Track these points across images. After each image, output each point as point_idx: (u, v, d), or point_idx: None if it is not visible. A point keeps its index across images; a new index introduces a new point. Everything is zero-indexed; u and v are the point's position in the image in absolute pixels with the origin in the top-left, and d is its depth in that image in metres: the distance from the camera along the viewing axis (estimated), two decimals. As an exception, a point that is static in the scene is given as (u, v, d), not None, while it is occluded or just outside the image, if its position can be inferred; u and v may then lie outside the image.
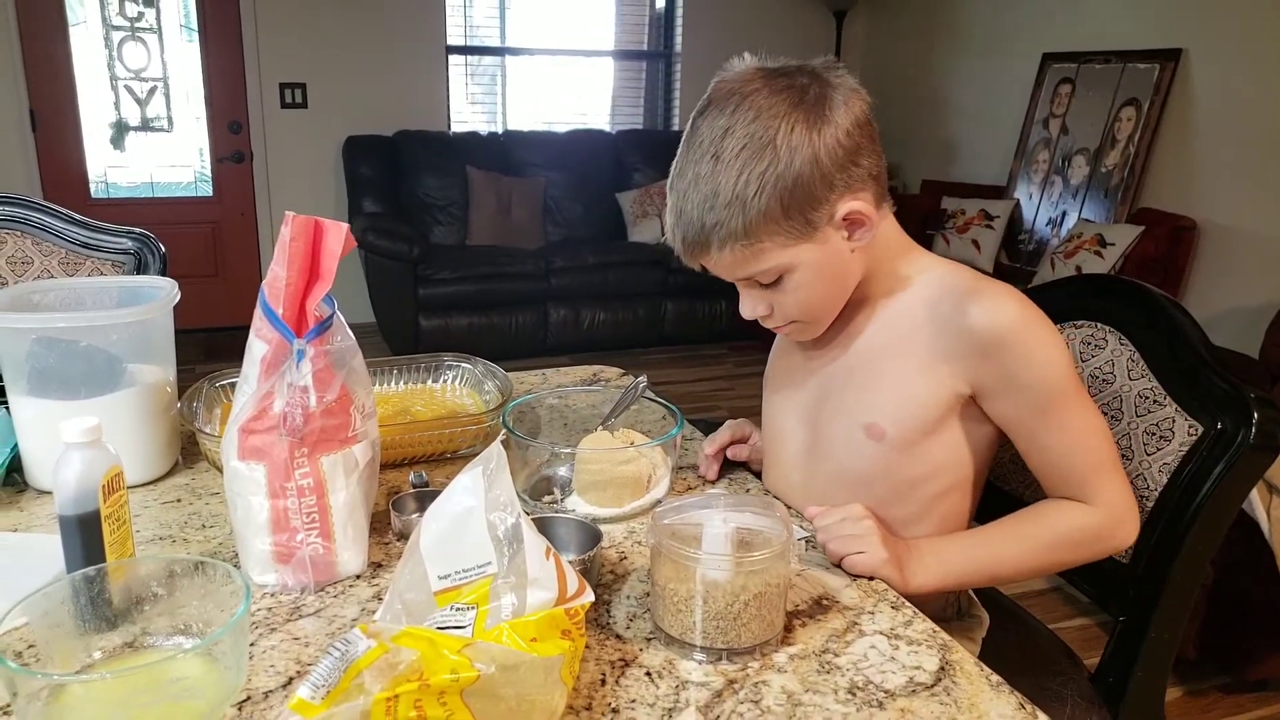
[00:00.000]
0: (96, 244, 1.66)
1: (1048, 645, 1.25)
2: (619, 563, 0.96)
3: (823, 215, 0.92)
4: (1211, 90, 3.87)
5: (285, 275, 0.83)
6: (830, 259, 0.95)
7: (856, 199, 0.93)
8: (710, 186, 0.90)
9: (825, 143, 0.89)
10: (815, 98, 0.89)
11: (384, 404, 1.28)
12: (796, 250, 0.93)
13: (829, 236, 0.93)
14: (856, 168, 0.92)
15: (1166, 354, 1.16)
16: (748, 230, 0.90)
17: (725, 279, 0.98)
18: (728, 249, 0.92)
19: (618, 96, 5.65)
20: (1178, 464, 1.11)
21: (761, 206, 0.89)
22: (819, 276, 0.96)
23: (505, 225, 4.80)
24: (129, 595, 0.77)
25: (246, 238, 4.90)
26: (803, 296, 0.97)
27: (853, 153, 0.91)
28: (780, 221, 0.90)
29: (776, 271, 0.94)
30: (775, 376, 1.18)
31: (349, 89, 4.85)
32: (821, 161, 0.89)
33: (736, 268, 0.95)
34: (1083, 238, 4.03)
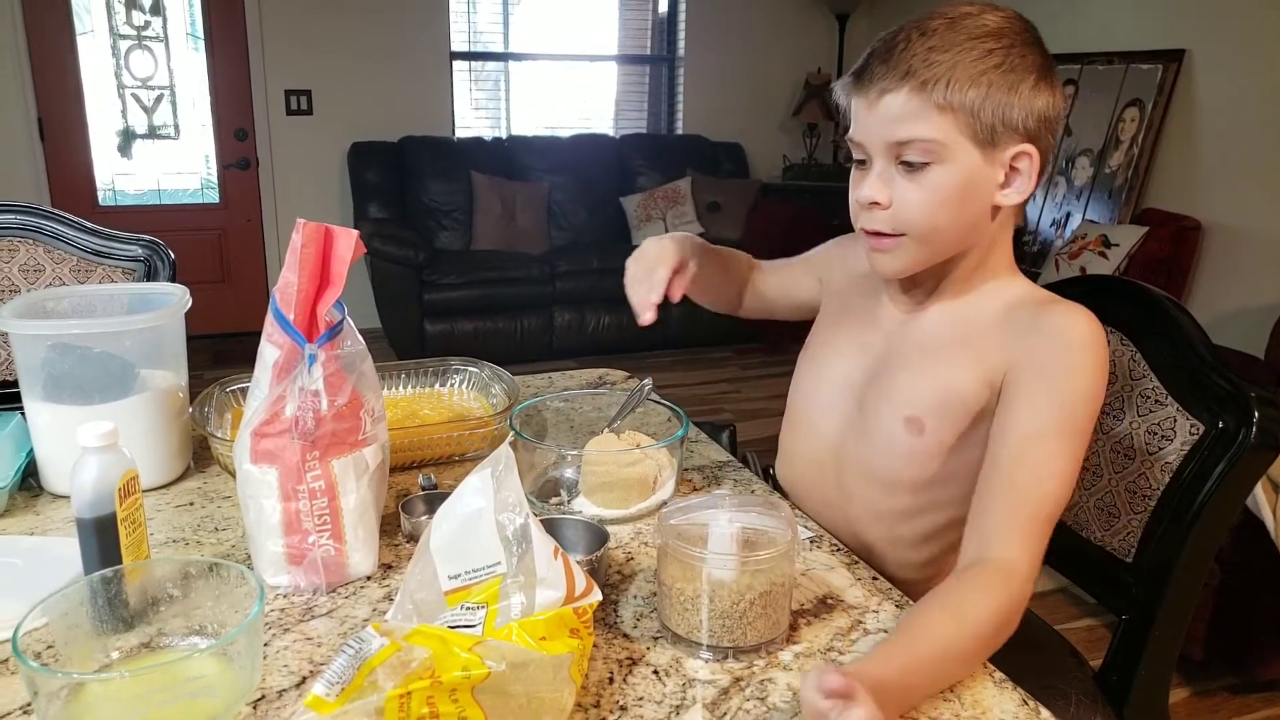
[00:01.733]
0: (107, 251, 1.68)
1: (1052, 644, 1.26)
2: (626, 563, 0.97)
3: (1005, 135, 0.90)
4: (1215, 91, 3.87)
5: (297, 281, 0.84)
6: (979, 188, 0.92)
7: (1031, 150, 0.91)
8: (946, 37, 0.89)
9: (1048, 93, 0.90)
10: (1050, 61, 0.92)
11: (393, 408, 1.30)
12: (965, 147, 0.90)
13: (992, 162, 0.91)
14: (1046, 137, 0.92)
15: (1168, 354, 1.17)
16: (952, 88, 0.87)
17: (869, 144, 0.93)
18: (924, 93, 0.88)
19: (621, 101, 5.67)
20: (1179, 463, 1.12)
21: (978, 74, 0.87)
22: (959, 191, 0.91)
23: (510, 230, 4.82)
24: (145, 597, 0.79)
25: (253, 244, 4.92)
26: (932, 201, 0.91)
27: (1051, 123, 0.92)
28: (978, 109, 0.88)
29: (935, 150, 0.89)
30: (824, 341, 1.16)
31: (354, 95, 4.88)
32: (1038, 101, 0.90)
33: (905, 120, 0.89)
34: (1087, 239, 4.04)
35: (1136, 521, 1.16)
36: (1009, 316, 0.96)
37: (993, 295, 0.99)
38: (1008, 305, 0.97)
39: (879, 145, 0.92)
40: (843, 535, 1.08)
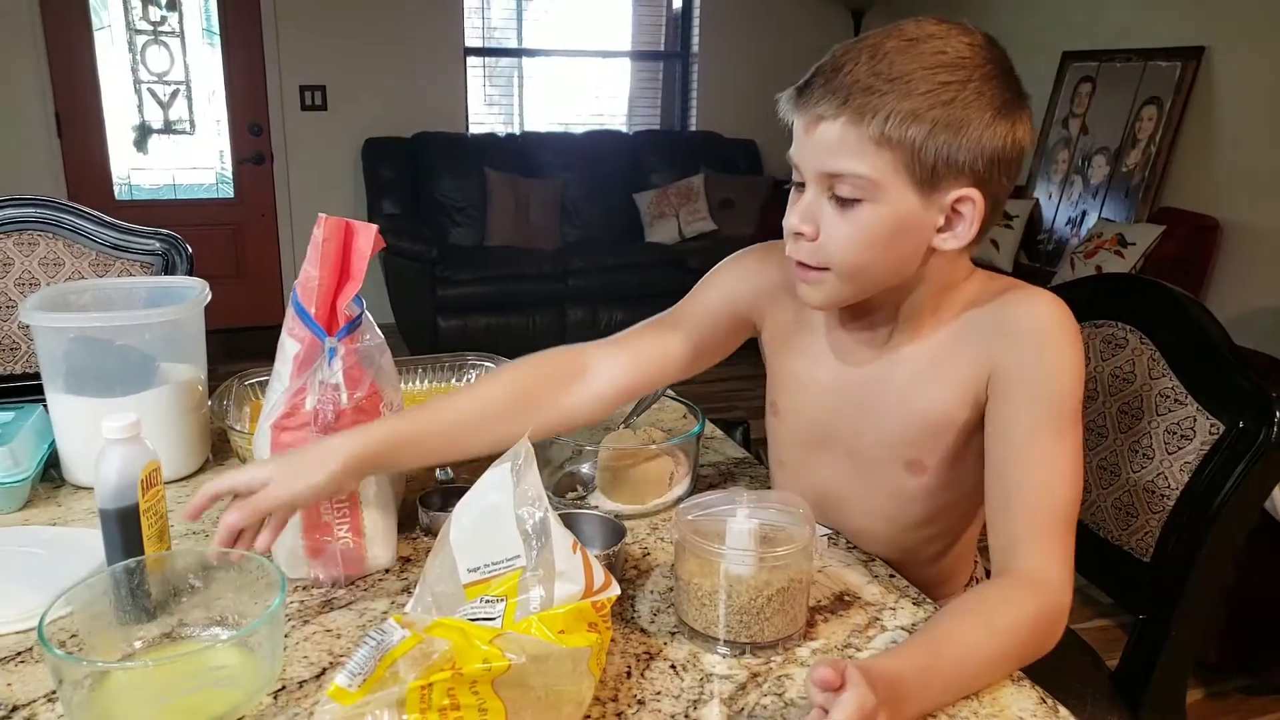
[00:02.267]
0: (126, 245, 1.69)
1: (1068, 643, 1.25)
2: (642, 559, 0.97)
3: (948, 179, 0.83)
4: (1234, 89, 3.84)
5: (318, 275, 0.85)
6: (913, 230, 0.85)
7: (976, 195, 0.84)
8: (897, 63, 0.80)
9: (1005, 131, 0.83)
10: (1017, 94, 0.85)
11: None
12: (901, 187, 0.82)
13: (931, 205, 0.84)
14: (998, 180, 0.85)
15: (1188, 352, 1.16)
16: (892, 122, 0.80)
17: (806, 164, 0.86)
18: (861, 125, 0.81)
19: (635, 97, 5.67)
20: (1199, 463, 1.12)
21: (922, 112, 0.80)
22: (889, 232, 0.84)
23: (523, 226, 4.83)
24: (167, 587, 0.79)
25: (267, 239, 4.94)
26: (859, 240, 0.84)
27: (1007, 165, 0.85)
28: (918, 149, 0.81)
29: (867, 187, 0.82)
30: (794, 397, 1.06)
31: (368, 91, 4.89)
32: (991, 141, 0.82)
33: (839, 152, 0.82)
34: (1103, 237, 4.02)
35: (1155, 521, 1.16)
36: (969, 323, 0.92)
37: (954, 307, 0.94)
38: (968, 309, 0.92)
39: (812, 173, 0.86)
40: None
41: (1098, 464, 1.24)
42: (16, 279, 1.67)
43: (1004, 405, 0.88)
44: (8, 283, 1.67)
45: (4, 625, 0.82)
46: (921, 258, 0.88)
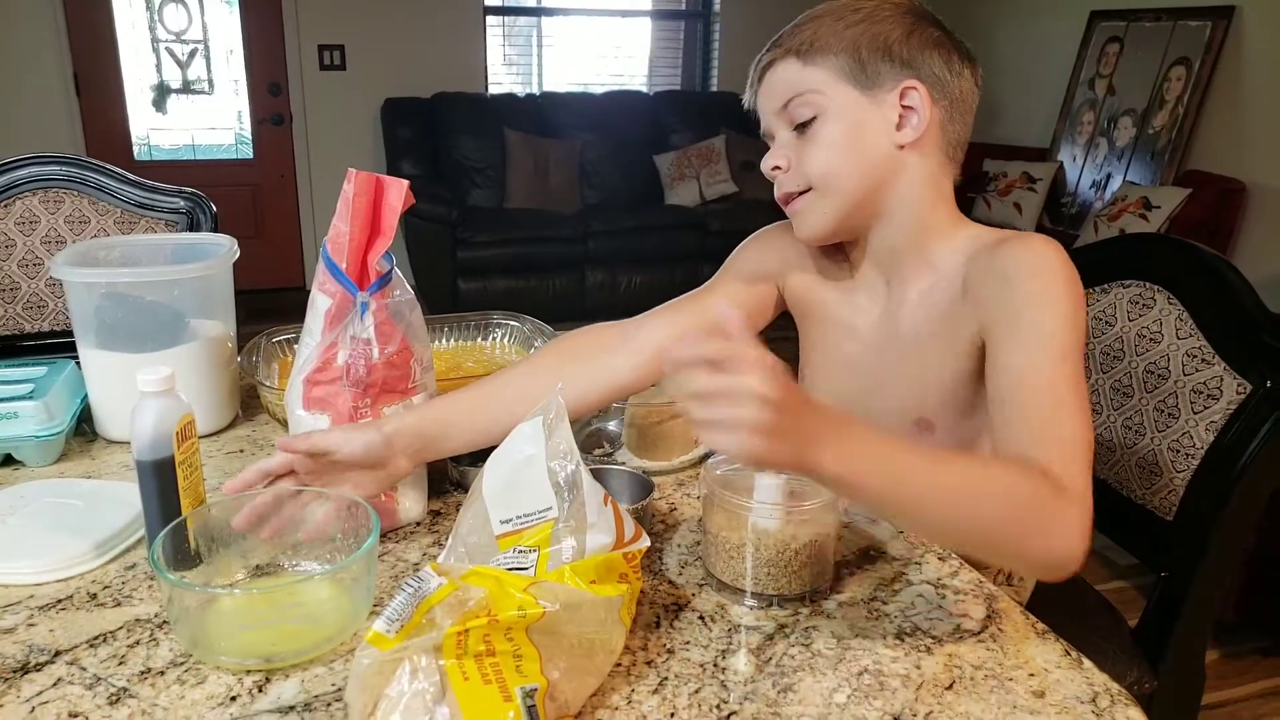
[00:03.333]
0: (151, 204, 1.69)
1: (1091, 601, 1.27)
2: (669, 513, 0.98)
3: (886, 75, 0.91)
4: (1265, 49, 3.77)
5: (348, 230, 0.85)
6: (870, 130, 0.92)
7: (917, 84, 0.91)
8: (820, 7, 0.93)
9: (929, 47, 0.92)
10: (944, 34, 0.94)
11: (436, 360, 1.31)
12: (844, 90, 0.91)
13: (880, 104, 0.91)
14: (944, 78, 0.92)
15: (1215, 312, 1.15)
16: (819, 43, 0.91)
17: (767, 119, 0.96)
18: (795, 56, 0.92)
19: (655, 57, 5.61)
20: (1225, 422, 1.11)
21: (840, 28, 0.91)
22: (850, 139, 0.92)
23: (542, 188, 4.81)
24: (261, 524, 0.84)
25: (286, 199, 4.95)
26: (826, 156, 0.92)
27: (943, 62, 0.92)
28: (848, 48, 0.90)
29: (814, 100, 0.92)
30: (816, 367, 1.09)
31: (387, 51, 4.87)
32: (913, 41, 0.91)
33: (784, 85, 0.93)
34: (1127, 200, 3.97)
35: (1179, 480, 1.16)
36: (967, 274, 0.92)
37: (949, 260, 0.95)
38: (962, 266, 0.93)
39: (772, 118, 0.95)
40: None
41: (1123, 423, 1.24)
42: (43, 237, 1.68)
43: (998, 347, 0.86)
44: (34, 241, 1.68)
45: (46, 574, 0.84)
46: (891, 161, 0.93)
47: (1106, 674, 0.74)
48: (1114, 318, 1.26)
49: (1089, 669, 0.74)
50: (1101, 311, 1.28)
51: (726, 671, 0.73)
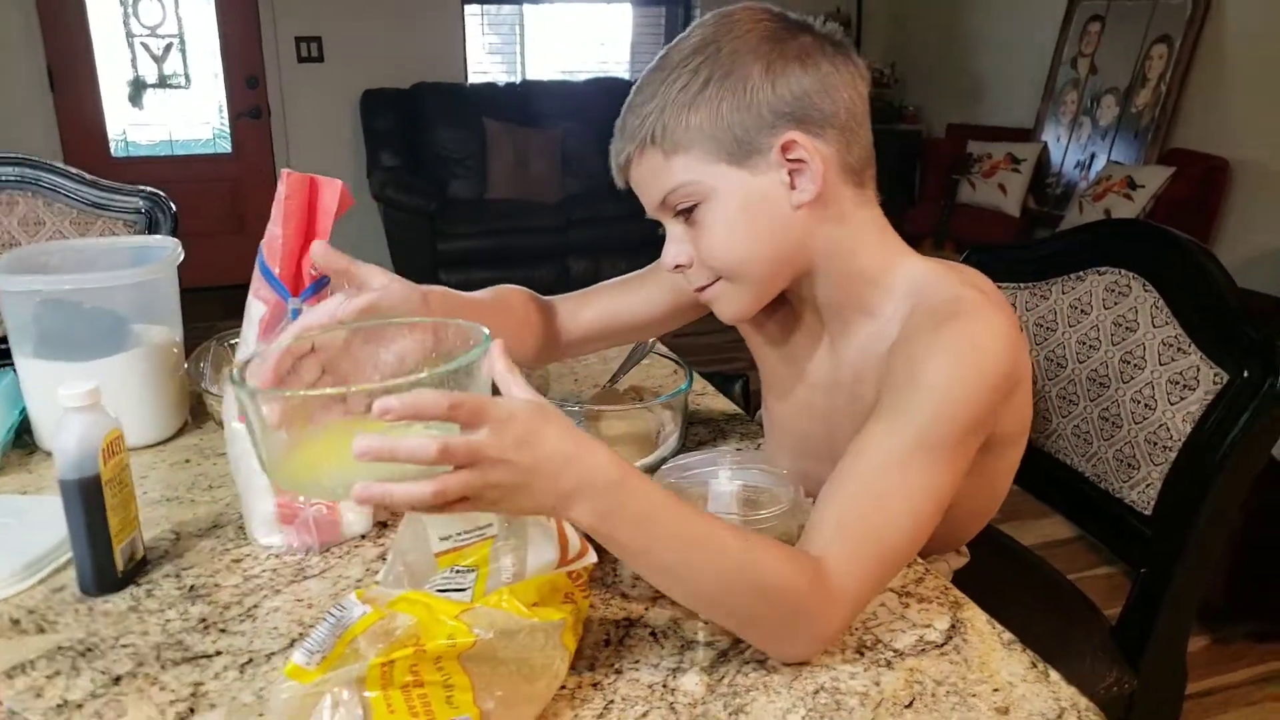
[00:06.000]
0: (107, 204, 1.65)
1: (1067, 597, 1.24)
2: (627, 520, 0.95)
3: (760, 137, 0.78)
4: (1245, 25, 3.74)
5: (281, 234, 0.81)
6: (760, 202, 0.80)
7: (803, 135, 0.78)
8: (650, 81, 0.81)
9: (795, 73, 0.78)
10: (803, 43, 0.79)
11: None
12: (719, 171, 0.79)
13: (764, 170, 0.79)
14: (822, 104, 0.78)
15: (1191, 300, 1.12)
16: (670, 131, 0.79)
17: (649, 210, 0.87)
18: (649, 146, 0.80)
19: (637, 44, 5.56)
20: (1202, 413, 1.08)
21: (689, 100, 0.78)
22: (741, 217, 0.80)
23: (523, 178, 4.76)
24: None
25: (266, 194, 4.82)
26: (721, 239, 0.81)
27: (823, 94, 0.78)
28: (708, 125, 0.78)
29: (692, 191, 0.80)
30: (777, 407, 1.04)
31: (365, 41, 4.80)
32: (774, 77, 0.77)
33: (653, 182, 0.82)
34: (1111, 180, 3.94)
35: (1157, 474, 1.13)
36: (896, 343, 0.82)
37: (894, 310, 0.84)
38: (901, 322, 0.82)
39: (653, 210, 0.86)
40: None
41: (1099, 414, 1.21)
42: (-3, 240, 1.64)
43: (871, 418, 0.76)
44: (-12, 244, 1.64)
45: (-27, 596, 0.80)
46: (795, 226, 0.81)
47: (1083, 677, 0.71)
48: (1090, 305, 1.23)
49: (1055, 682, 0.71)
50: (1078, 299, 1.25)
51: (676, 693, 0.69)
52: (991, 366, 0.75)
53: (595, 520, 0.62)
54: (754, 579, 0.66)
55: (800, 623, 0.69)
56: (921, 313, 0.80)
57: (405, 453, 0.54)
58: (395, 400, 0.54)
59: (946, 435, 0.73)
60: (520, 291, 1.10)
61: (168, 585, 0.79)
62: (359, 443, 0.53)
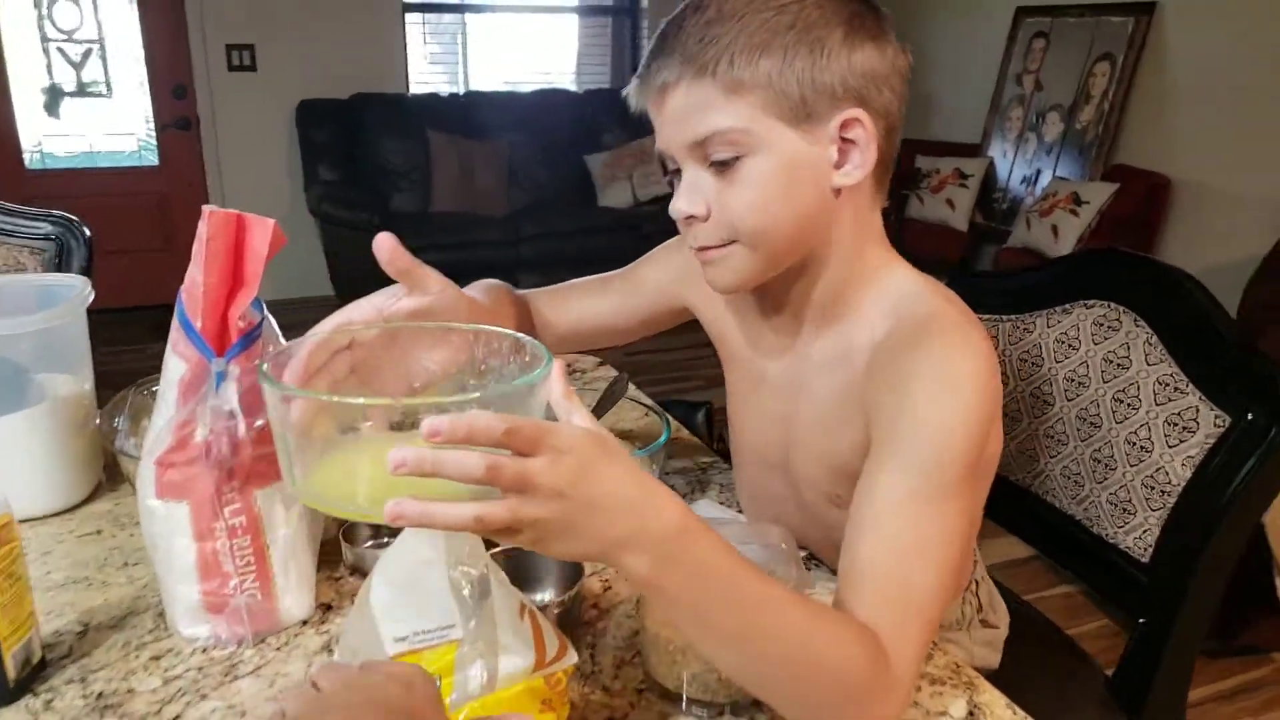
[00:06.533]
0: (11, 229, 1.50)
1: (1065, 650, 1.17)
2: (603, 594, 0.85)
3: (824, 105, 0.73)
4: (1185, 45, 3.79)
5: (203, 281, 0.71)
6: (806, 173, 0.75)
7: (862, 115, 0.74)
8: (725, 6, 0.72)
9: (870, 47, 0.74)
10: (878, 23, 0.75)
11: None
12: (776, 128, 0.73)
13: (817, 139, 0.74)
14: (881, 95, 0.75)
15: (1188, 337, 1.07)
16: (739, 63, 0.71)
17: (673, 148, 0.77)
18: (706, 78, 0.72)
19: (584, 54, 5.47)
20: (1203, 458, 1.03)
21: (766, 41, 0.71)
22: (783, 182, 0.74)
23: (469, 191, 4.64)
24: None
25: (196, 209, 4.58)
26: (755, 200, 0.74)
27: (886, 78, 0.75)
28: (777, 80, 0.71)
29: (740, 140, 0.73)
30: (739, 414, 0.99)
31: (300, 50, 4.63)
32: (856, 57, 0.73)
33: (696, 113, 0.73)
34: (1057, 196, 3.96)
35: (1155, 519, 1.07)
36: (875, 354, 0.78)
37: (863, 318, 0.81)
38: (879, 335, 0.79)
39: (680, 149, 0.76)
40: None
41: (1091, 456, 1.15)
42: (-110, 269, 1.49)
43: (874, 461, 0.72)
44: (-120, 273, 1.48)
45: None
46: (827, 207, 0.77)
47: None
48: (1078, 340, 1.17)
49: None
50: (1064, 334, 1.19)
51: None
52: (980, 393, 0.72)
53: (650, 572, 0.55)
54: (817, 654, 0.60)
55: (861, 707, 0.62)
56: (902, 330, 0.77)
57: (450, 468, 0.48)
58: (446, 422, 0.48)
59: (954, 478, 0.69)
60: (506, 289, 1.04)
61: (71, 693, 0.68)
62: (396, 454, 0.48)
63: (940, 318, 0.76)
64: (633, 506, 0.54)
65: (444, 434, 0.48)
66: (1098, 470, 1.14)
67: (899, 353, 0.75)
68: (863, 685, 0.62)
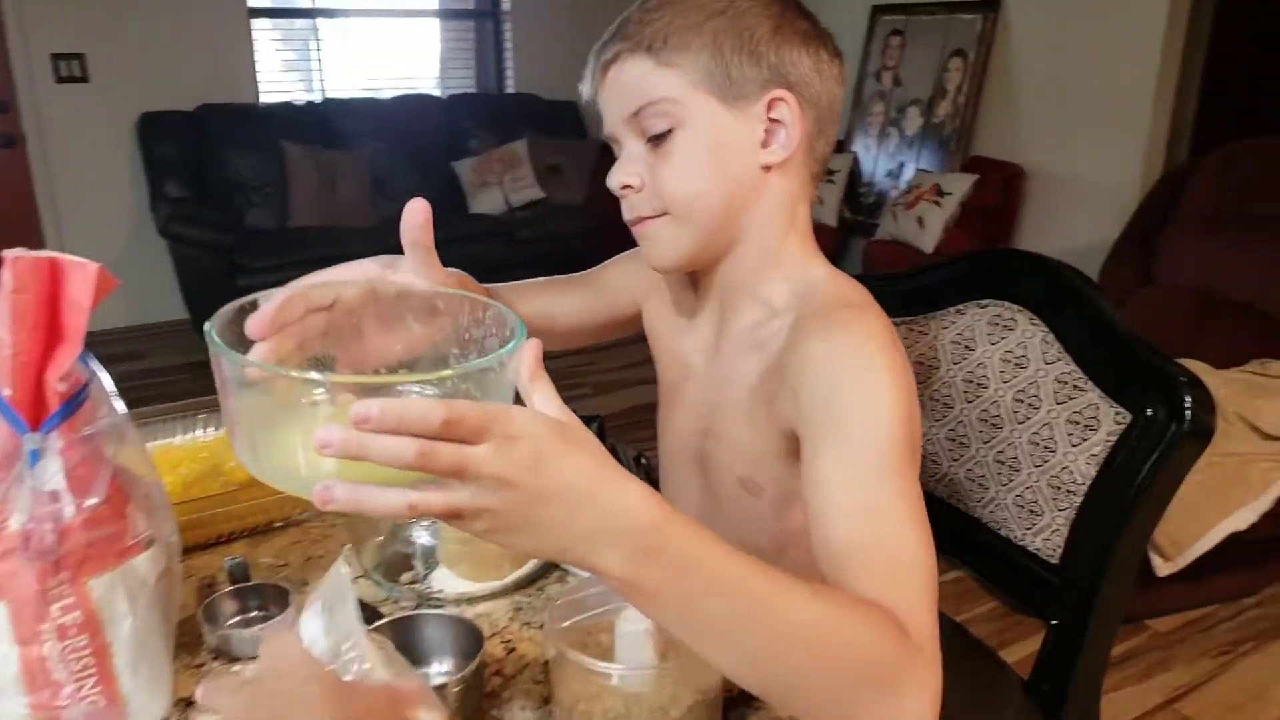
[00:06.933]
0: None
1: (972, 650, 1.16)
2: (507, 657, 0.77)
3: (752, 85, 0.78)
4: (1029, 40, 3.97)
5: (11, 340, 0.59)
6: (733, 148, 0.80)
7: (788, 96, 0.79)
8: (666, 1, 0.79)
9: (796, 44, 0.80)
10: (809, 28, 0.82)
11: (191, 461, 1.04)
12: (706, 102, 0.78)
13: (745, 116, 0.79)
14: (813, 83, 0.81)
15: (1083, 335, 1.06)
16: (673, 42, 0.77)
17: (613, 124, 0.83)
18: (645, 53, 0.78)
19: (447, 58, 5.31)
20: (1107, 455, 1.02)
21: (699, 24, 0.78)
22: (712, 154, 0.80)
23: (331, 203, 4.44)
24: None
25: (25, 235, 4.30)
26: (687, 178, 0.80)
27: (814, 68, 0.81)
28: (708, 52, 0.77)
29: (672, 111, 0.78)
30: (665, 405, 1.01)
31: (138, 59, 4.32)
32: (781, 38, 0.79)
33: (633, 90, 0.80)
34: (921, 188, 4.07)
35: (1062, 519, 1.06)
36: (790, 340, 0.80)
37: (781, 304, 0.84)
38: (793, 321, 0.82)
39: (619, 123, 0.82)
40: None
41: (994, 458, 1.13)
42: None
43: (819, 454, 0.71)
44: None
45: None
46: (754, 184, 0.82)
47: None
48: (974, 341, 1.16)
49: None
50: (959, 335, 1.17)
51: None
52: (904, 370, 0.75)
53: (623, 570, 0.52)
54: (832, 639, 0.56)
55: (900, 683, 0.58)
56: (816, 317, 0.80)
57: (376, 452, 0.45)
58: (376, 406, 0.45)
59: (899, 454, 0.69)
60: (471, 279, 0.98)
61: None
62: (321, 433, 0.45)
63: (851, 307, 0.80)
64: (594, 498, 0.50)
65: (373, 421, 0.45)
66: (1002, 472, 1.13)
67: (816, 339, 0.77)
68: (892, 664, 0.58)
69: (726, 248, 0.85)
